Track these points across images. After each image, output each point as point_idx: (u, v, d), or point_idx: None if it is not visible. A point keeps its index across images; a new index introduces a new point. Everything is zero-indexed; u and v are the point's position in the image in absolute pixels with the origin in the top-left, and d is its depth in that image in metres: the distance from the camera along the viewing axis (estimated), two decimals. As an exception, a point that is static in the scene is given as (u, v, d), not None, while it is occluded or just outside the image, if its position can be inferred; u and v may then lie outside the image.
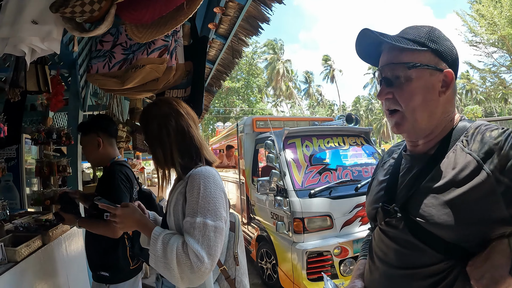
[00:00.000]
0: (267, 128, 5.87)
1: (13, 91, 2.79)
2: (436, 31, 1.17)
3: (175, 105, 1.73)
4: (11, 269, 2.23)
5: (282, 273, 4.61)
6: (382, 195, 1.31)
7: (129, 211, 1.64)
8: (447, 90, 1.14)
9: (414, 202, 1.15)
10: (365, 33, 1.19)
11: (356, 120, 6.01)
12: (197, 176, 1.54)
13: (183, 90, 2.80)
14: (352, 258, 4.34)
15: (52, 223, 3.14)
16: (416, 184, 1.17)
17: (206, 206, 1.47)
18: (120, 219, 1.63)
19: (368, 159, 5.45)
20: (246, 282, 1.74)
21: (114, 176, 2.42)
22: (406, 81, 1.14)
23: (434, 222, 1.08)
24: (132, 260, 2.51)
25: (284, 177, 4.58)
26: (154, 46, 2.38)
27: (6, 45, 1.90)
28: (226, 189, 1.85)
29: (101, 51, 2.62)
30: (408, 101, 1.15)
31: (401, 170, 1.30)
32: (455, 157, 1.10)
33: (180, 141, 1.68)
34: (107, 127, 2.60)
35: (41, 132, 3.38)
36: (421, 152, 1.23)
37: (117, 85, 2.47)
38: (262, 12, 3.60)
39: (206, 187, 1.51)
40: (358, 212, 4.52)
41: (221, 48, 4.53)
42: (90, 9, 1.80)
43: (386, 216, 1.25)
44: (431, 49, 1.14)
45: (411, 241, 1.14)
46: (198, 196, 1.49)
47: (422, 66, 1.12)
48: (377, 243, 1.31)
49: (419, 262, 1.13)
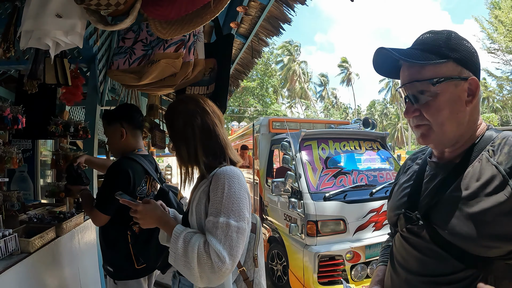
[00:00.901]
0: (284, 129, 5.86)
1: (31, 82, 2.83)
2: (454, 36, 1.14)
3: (201, 102, 1.71)
4: (24, 259, 2.25)
5: (293, 275, 4.59)
6: (405, 202, 1.30)
7: (150, 207, 1.64)
8: (473, 99, 1.12)
9: (437, 211, 1.14)
10: (381, 51, 1.18)
11: (372, 124, 5.97)
12: (221, 176, 1.52)
13: (206, 88, 2.79)
14: (364, 264, 4.31)
15: (66, 215, 3.17)
16: (439, 193, 1.16)
17: (230, 206, 1.46)
18: (141, 215, 1.63)
19: (384, 164, 5.41)
20: (264, 284, 1.74)
21: (113, 172, 2.39)
22: (432, 97, 1.12)
23: (456, 233, 1.06)
24: (137, 260, 2.39)
25: (299, 179, 4.57)
26: (171, 41, 2.36)
27: (30, 38, 1.92)
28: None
29: (123, 48, 2.64)
30: (435, 117, 1.13)
31: (425, 177, 1.28)
32: (480, 168, 1.08)
33: (205, 139, 1.66)
34: (132, 118, 2.56)
35: (58, 125, 3.41)
36: (446, 160, 1.21)
37: (135, 81, 2.47)
38: (284, 13, 3.59)
39: (231, 187, 1.50)
40: (372, 217, 4.49)
41: (241, 47, 4.53)
42: (115, 2, 1.80)
43: (408, 222, 1.24)
44: (452, 58, 1.11)
45: (432, 248, 1.13)
46: (222, 196, 1.47)
47: (447, 79, 1.10)
48: (398, 249, 1.30)
49: (440, 270, 1.12)
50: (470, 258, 1.05)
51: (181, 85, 2.64)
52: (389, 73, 1.27)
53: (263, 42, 4.36)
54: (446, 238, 1.09)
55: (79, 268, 3.17)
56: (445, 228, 1.09)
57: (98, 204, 2.31)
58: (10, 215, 2.59)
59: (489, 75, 28.85)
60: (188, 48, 2.44)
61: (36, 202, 4.42)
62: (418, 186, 1.28)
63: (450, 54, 1.11)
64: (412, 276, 1.20)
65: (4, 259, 2.15)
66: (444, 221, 1.10)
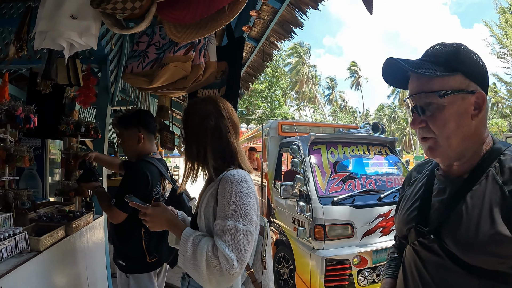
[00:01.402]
0: (293, 132, 5.85)
1: (44, 83, 2.85)
2: (463, 49, 1.15)
3: (220, 106, 1.72)
4: (34, 258, 2.27)
5: (299, 278, 4.58)
6: (416, 216, 1.30)
7: (159, 210, 1.66)
8: (479, 113, 1.12)
9: (446, 228, 1.15)
10: (390, 61, 1.19)
11: (382, 129, 5.94)
12: (229, 179, 1.53)
13: (217, 90, 2.80)
14: (371, 269, 4.30)
15: (75, 214, 3.19)
16: (448, 209, 1.17)
17: (237, 210, 1.47)
18: (150, 218, 1.65)
19: (392, 169, 5.38)
20: (272, 286, 1.74)
21: (132, 174, 2.55)
22: (439, 109, 1.13)
23: (465, 251, 1.08)
24: (149, 254, 2.56)
25: (308, 183, 4.56)
26: (181, 44, 2.38)
27: (45, 38, 1.94)
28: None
29: (136, 52, 2.66)
30: (441, 129, 1.14)
31: (433, 190, 1.28)
32: (486, 186, 1.09)
33: (216, 142, 1.67)
34: (148, 124, 2.71)
35: (69, 125, 3.43)
36: (454, 175, 1.21)
37: (146, 84, 2.49)
38: (296, 17, 3.59)
39: (238, 190, 1.50)
40: (379, 222, 4.47)
41: (252, 50, 4.54)
42: (131, 6, 1.83)
43: (419, 236, 1.25)
44: (461, 71, 1.12)
45: (444, 263, 1.14)
46: (230, 199, 1.48)
47: (454, 92, 1.11)
48: (409, 262, 1.30)
49: (454, 283, 1.12)
50: (482, 271, 1.06)
51: (193, 87, 2.65)
52: (398, 83, 1.28)
53: (274, 45, 4.36)
54: (455, 253, 1.11)
55: (87, 266, 3.20)
56: (453, 243, 1.11)
57: (117, 202, 2.41)
58: (20, 213, 2.61)
59: (498, 80, 28.64)
60: (198, 51, 2.45)
61: (45, 200, 4.46)
62: (427, 200, 1.28)
63: (459, 67, 1.12)
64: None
65: (14, 257, 2.18)
66: (453, 239, 1.11)
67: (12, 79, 5.09)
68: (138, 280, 2.55)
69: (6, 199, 2.54)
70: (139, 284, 2.55)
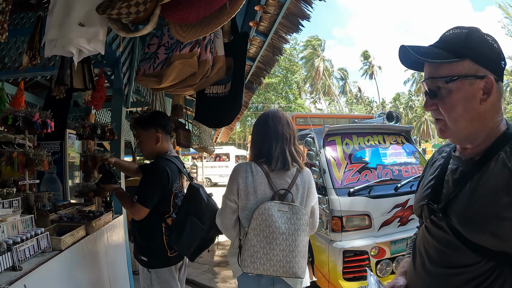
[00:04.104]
0: (307, 125, 5.85)
1: (58, 88, 2.93)
2: (474, 34, 1.17)
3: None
4: (56, 257, 2.36)
5: (318, 271, 4.59)
6: (429, 193, 1.34)
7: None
8: (488, 97, 1.14)
9: (454, 206, 1.19)
10: (403, 49, 1.22)
11: (397, 118, 5.87)
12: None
13: (223, 86, 2.84)
14: (389, 259, 4.28)
15: (95, 214, 3.28)
16: (457, 188, 1.20)
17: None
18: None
19: (409, 158, 5.32)
20: (247, 259, 2.11)
21: (153, 171, 2.68)
22: (447, 93, 1.17)
23: (467, 228, 1.12)
24: (169, 248, 2.65)
25: (324, 175, 4.56)
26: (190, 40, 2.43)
27: (54, 46, 2.01)
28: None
29: (148, 54, 2.70)
30: (449, 113, 1.18)
31: (448, 169, 1.31)
32: (495, 168, 1.12)
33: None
34: (165, 125, 2.87)
35: (86, 128, 3.52)
36: (467, 157, 1.24)
37: (156, 84, 2.53)
38: (302, 9, 3.57)
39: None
40: (397, 212, 4.44)
41: (261, 45, 4.52)
42: (135, 10, 1.87)
43: (431, 213, 1.28)
44: (469, 57, 1.14)
45: (451, 240, 1.17)
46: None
47: (460, 78, 1.14)
48: (420, 239, 1.34)
49: (459, 262, 1.15)
50: (485, 251, 1.09)
51: (203, 83, 2.67)
52: (415, 67, 1.31)
53: (283, 39, 4.36)
54: (460, 230, 1.14)
55: (108, 264, 3.28)
56: (458, 221, 1.15)
57: (140, 199, 2.56)
58: (41, 215, 2.70)
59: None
60: (204, 47, 2.47)
61: (66, 202, 4.57)
62: (441, 178, 1.32)
63: (467, 53, 1.14)
64: (433, 267, 1.24)
65: (37, 256, 2.26)
66: (459, 217, 1.15)
67: (28, 87, 5.21)
68: (159, 275, 2.65)
69: (27, 202, 2.64)
70: (161, 278, 2.65)
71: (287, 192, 2.20)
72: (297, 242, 2.11)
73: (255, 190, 2.16)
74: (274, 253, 2.06)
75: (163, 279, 2.65)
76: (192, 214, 2.65)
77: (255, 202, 2.15)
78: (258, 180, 2.18)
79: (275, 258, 2.06)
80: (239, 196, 2.18)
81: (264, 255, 2.06)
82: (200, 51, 2.42)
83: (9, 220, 2.22)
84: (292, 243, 2.09)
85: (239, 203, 2.20)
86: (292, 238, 2.10)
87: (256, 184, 2.17)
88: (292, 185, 2.23)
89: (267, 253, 2.06)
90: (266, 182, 2.19)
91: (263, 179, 2.19)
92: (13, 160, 2.55)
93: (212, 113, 2.94)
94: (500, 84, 1.15)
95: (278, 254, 2.06)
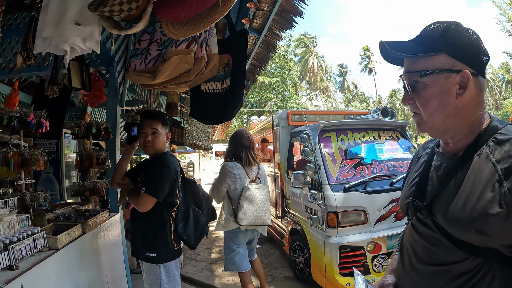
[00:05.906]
0: (302, 121, 5.86)
1: (51, 87, 2.93)
2: (452, 29, 1.15)
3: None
4: (52, 255, 2.38)
5: (315, 267, 4.62)
6: (414, 191, 1.34)
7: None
8: (464, 92, 1.13)
9: (438, 203, 1.19)
10: (381, 45, 1.23)
11: (392, 113, 5.88)
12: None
13: (220, 83, 2.85)
14: (385, 254, 4.30)
15: (91, 213, 3.29)
16: (441, 185, 1.20)
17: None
18: None
19: (404, 153, 5.34)
20: (231, 220, 3.92)
21: (164, 164, 2.78)
22: (423, 87, 1.18)
23: (452, 226, 1.12)
24: (176, 241, 2.80)
25: (319, 171, 4.57)
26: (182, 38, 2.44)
27: (49, 44, 2.01)
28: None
29: (139, 50, 2.71)
30: (425, 107, 1.19)
31: (432, 165, 1.31)
32: (479, 164, 1.10)
33: None
34: (168, 124, 3.03)
35: (81, 127, 3.52)
36: (451, 152, 1.24)
37: (150, 80, 2.54)
38: (295, 6, 3.59)
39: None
40: (392, 207, 4.46)
41: (255, 42, 4.54)
42: (127, 7, 1.88)
43: (416, 211, 1.29)
44: (444, 51, 1.14)
45: (437, 237, 1.17)
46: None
47: (435, 72, 1.14)
48: (407, 237, 1.34)
49: (446, 259, 1.15)
50: (471, 247, 1.08)
51: (196, 81, 2.69)
52: (397, 61, 1.30)
53: (277, 36, 4.37)
54: (445, 228, 1.14)
55: (105, 263, 3.30)
56: (443, 218, 1.15)
57: (148, 189, 2.65)
58: (38, 214, 2.71)
59: (511, 58, 27.78)
60: (200, 44, 2.49)
61: (62, 201, 4.58)
62: (426, 175, 1.32)
63: (443, 47, 1.14)
64: (420, 264, 1.23)
65: (33, 255, 2.28)
66: (443, 212, 1.15)
67: (24, 87, 5.20)
68: (167, 269, 2.75)
69: (23, 202, 2.64)
70: (168, 272, 2.75)
71: (256, 177, 4.09)
72: (266, 204, 3.94)
73: (240, 178, 3.94)
74: (256, 211, 3.81)
75: (171, 273, 2.75)
76: (192, 203, 3.02)
77: (240, 185, 3.93)
78: (240, 172, 3.97)
79: (256, 213, 3.81)
80: (231, 182, 3.91)
81: (250, 213, 3.79)
82: (196, 48, 2.44)
83: (6, 219, 2.23)
84: (264, 204, 3.91)
85: (231, 186, 3.91)
86: (264, 202, 3.91)
87: (240, 174, 3.95)
88: (258, 173, 4.13)
89: (252, 211, 3.80)
90: (244, 173, 3.99)
91: (242, 171, 3.98)
92: (8, 160, 2.56)
93: (212, 110, 2.95)
94: (480, 79, 1.14)
95: (256, 210, 3.82)
